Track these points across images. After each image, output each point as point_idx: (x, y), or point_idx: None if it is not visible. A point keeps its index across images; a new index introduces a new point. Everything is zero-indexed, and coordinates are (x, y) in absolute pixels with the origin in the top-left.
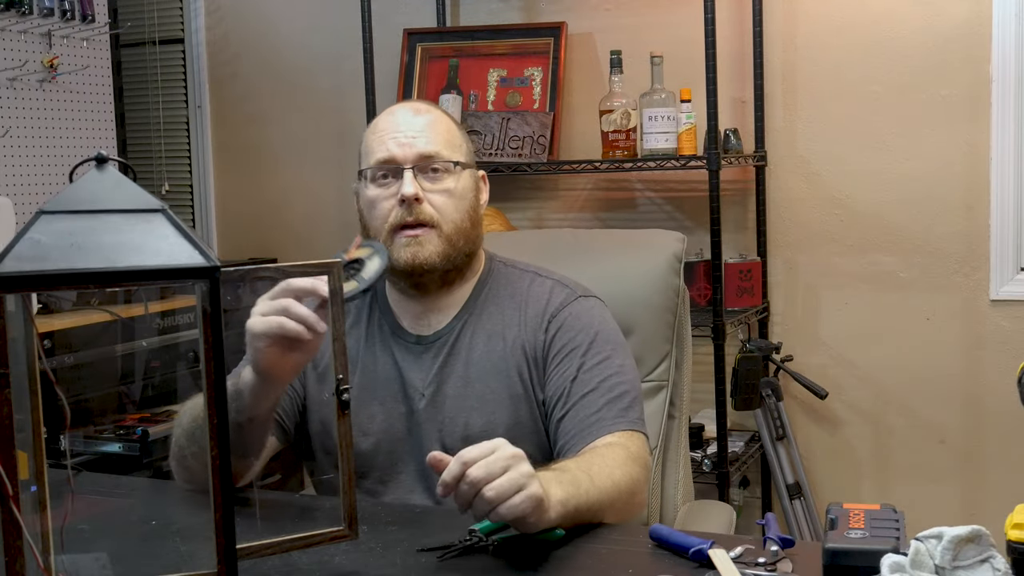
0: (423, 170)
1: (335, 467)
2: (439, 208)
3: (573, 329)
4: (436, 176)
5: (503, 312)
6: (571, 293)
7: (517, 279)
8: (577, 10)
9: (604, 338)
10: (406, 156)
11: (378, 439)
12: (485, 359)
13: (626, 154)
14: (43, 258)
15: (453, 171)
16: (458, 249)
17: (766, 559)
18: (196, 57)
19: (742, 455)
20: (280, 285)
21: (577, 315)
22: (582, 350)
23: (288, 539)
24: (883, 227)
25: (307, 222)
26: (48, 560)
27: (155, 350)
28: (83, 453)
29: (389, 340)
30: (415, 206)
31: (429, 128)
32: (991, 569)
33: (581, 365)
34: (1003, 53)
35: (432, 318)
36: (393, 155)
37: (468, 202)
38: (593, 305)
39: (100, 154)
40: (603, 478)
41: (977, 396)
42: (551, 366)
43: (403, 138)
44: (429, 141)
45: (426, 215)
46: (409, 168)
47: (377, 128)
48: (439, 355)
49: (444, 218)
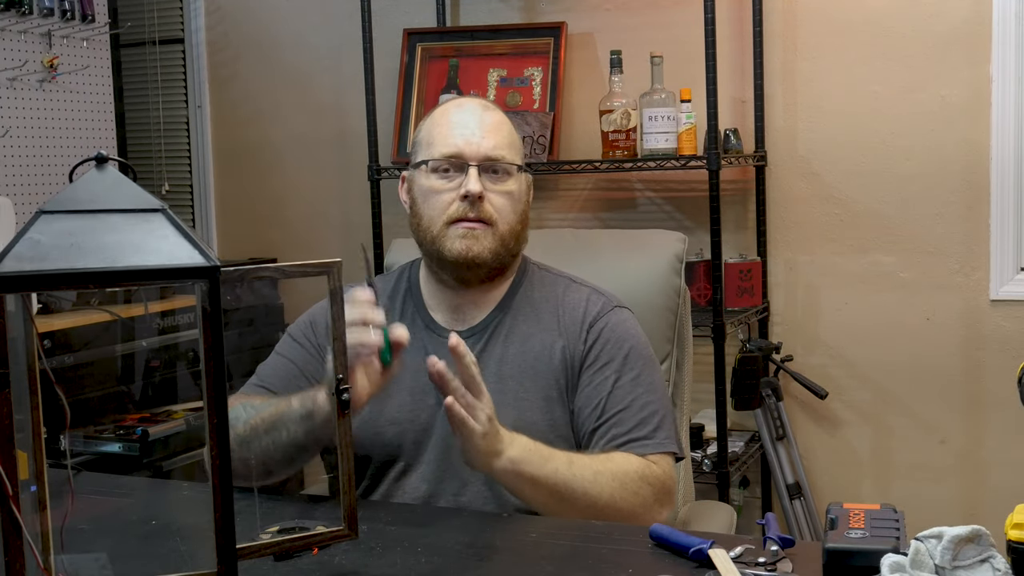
0: (487, 169)
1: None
2: (498, 208)
3: (610, 341)
4: (498, 177)
5: (539, 314)
6: (607, 303)
7: (552, 283)
8: (577, 10)
9: (637, 352)
10: (474, 154)
11: (404, 428)
12: (520, 358)
13: (626, 154)
14: (43, 258)
15: (514, 174)
16: (508, 249)
17: (766, 559)
18: (196, 57)
19: (742, 455)
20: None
21: (613, 327)
22: (617, 363)
23: (288, 539)
24: (883, 227)
25: (307, 222)
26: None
27: (155, 350)
28: (83, 453)
29: (422, 333)
30: (478, 204)
31: (496, 129)
32: (991, 569)
33: (617, 380)
34: (1003, 53)
35: (468, 312)
36: (461, 151)
37: (523, 204)
38: (627, 317)
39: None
40: (584, 467)
41: (977, 396)
42: (585, 374)
43: (471, 135)
44: (497, 142)
45: (486, 213)
46: (475, 166)
47: (445, 120)
48: (472, 349)
49: (502, 218)
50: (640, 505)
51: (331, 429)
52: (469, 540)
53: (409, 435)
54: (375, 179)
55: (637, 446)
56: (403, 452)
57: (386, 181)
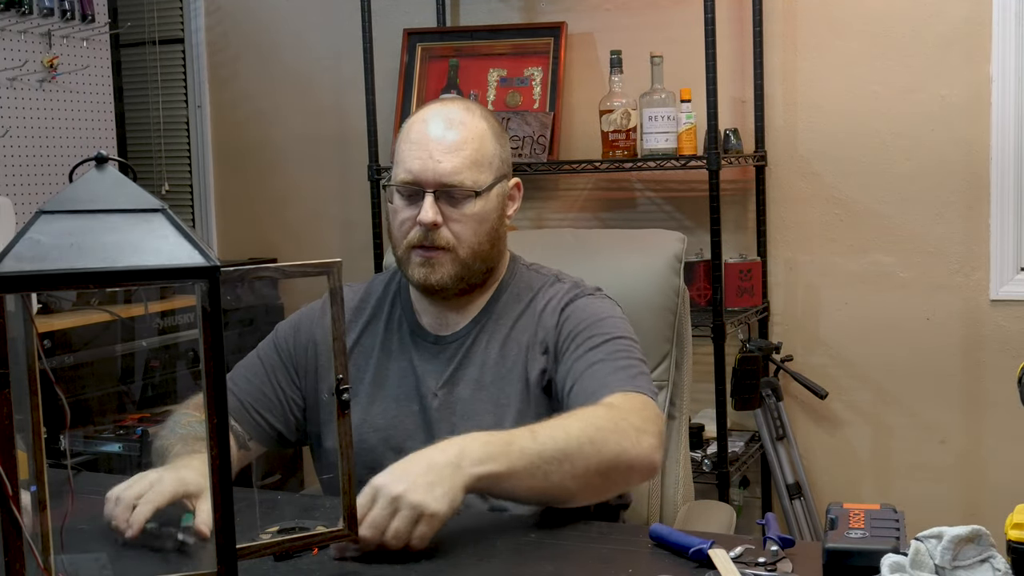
0: (444, 195)
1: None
2: (457, 234)
3: (579, 317)
4: (457, 201)
5: (521, 315)
6: (583, 291)
7: (538, 283)
8: (577, 10)
9: (611, 324)
10: (430, 179)
11: (387, 435)
12: (500, 363)
13: (626, 154)
14: (43, 258)
15: (476, 197)
16: (473, 270)
17: (766, 559)
18: (196, 57)
19: (742, 455)
20: None
21: (584, 306)
22: (587, 332)
23: (288, 539)
24: (883, 227)
25: (307, 222)
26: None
27: (155, 350)
28: (83, 453)
29: (407, 338)
30: (432, 231)
31: (458, 148)
32: (991, 569)
33: (589, 343)
34: (1003, 53)
35: (451, 319)
36: (416, 177)
37: (490, 224)
38: (604, 300)
39: (100, 154)
40: (551, 429)
41: (977, 396)
42: (562, 354)
43: (429, 158)
44: (455, 165)
45: (443, 240)
46: (431, 192)
47: (409, 136)
48: (455, 356)
49: (461, 243)
50: (628, 439)
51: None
52: (469, 540)
53: (393, 441)
54: (375, 179)
55: (610, 389)
56: (387, 459)
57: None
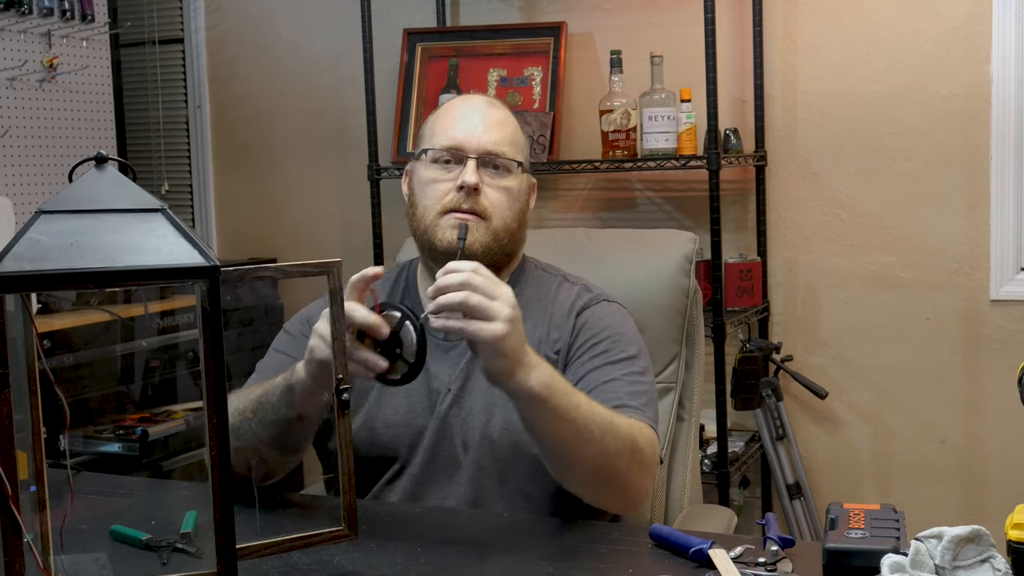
0: (486, 164)
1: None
2: (494, 203)
3: (597, 327)
4: (497, 172)
5: (530, 313)
6: (596, 296)
7: (547, 282)
8: (577, 10)
9: (627, 340)
10: (474, 146)
11: (399, 431)
12: None
13: (626, 154)
14: (43, 258)
15: (514, 171)
16: (502, 246)
17: (766, 559)
18: (196, 57)
19: (742, 455)
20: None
21: (601, 315)
22: (605, 345)
23: (288, 539)
24: (883, 227)
25: (307, 222)
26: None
27: (155, 350)
28: (83, 453)
29: None
30: (473, 195)
31: (500, 125)
32: (991, 569)
33: (606, 357)
34: (1003, 53)
35: None
36: (460, 143)
37: (521, 203)
38: (616, 309)
39: (100, 154)
40: (602, 412)
41: (977, 396)
42: (574, 359)
43: (473, 128)
44: (498, 138)
45: (481, 206)
46: (474, 158)
47: (449, 112)
48: (466, 352)
49: (497, 213)
50: (636, 470)
51: (312, 400)
52: (469, 540)
53: (404, 438)
54: (375, 179)
55: (628, 411)
56: (398, 455)
57: (386, 181)
